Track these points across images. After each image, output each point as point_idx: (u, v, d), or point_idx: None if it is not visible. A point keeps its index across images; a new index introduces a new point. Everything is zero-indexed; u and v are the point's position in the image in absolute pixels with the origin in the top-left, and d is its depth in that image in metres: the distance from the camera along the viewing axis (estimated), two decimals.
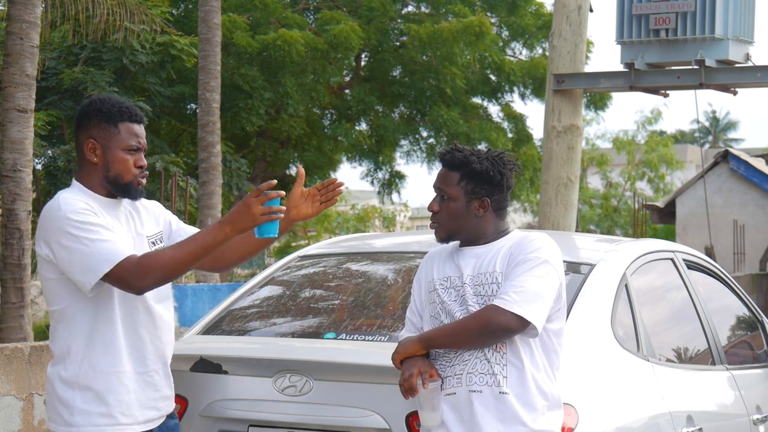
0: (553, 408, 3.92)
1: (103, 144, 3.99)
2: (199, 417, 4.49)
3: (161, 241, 4.14)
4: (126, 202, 4.07)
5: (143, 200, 4.17)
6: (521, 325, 3.81)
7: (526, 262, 3.87)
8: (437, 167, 4.06)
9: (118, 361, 3.95)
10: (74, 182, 4.06)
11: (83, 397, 3.94)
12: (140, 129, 4.05)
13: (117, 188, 4.01)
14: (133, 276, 3.83)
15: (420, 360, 3.90)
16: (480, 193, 3.96)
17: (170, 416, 4.16)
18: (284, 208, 3.85)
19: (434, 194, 4.03)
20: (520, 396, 3.85)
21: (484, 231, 3.98)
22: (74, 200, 3.94)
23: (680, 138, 61.49)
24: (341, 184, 4.28)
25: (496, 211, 4.00)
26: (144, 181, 4.06)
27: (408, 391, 3.86)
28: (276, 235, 3.94)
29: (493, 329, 3.81)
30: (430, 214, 4.05)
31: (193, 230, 4.24)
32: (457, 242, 4.06)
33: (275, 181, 3.88)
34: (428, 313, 4.00)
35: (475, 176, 3.94)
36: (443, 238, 4.01)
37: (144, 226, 4.12)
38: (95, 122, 4.01)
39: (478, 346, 3.85)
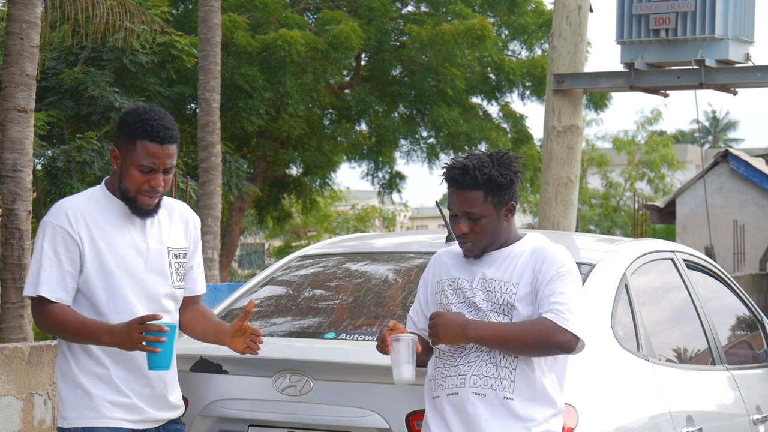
0: (557, 415, 3.92)
1: (122, 156, 4.01)
2: (199, 417, 4.49)
3: (185, 257, 4.16)
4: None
5: (176, 212, 4.18)
6: (578, 345, 3.83)
7: (562, 276, 3.86)
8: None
9: (98, 363, 4.01)
10: (102, 183, 4.11)
11: (74, 391, 4.03)
12: (160, 149, 3.96)
13: (126, 199, 4.03)
14: (36, 316, 3.99)
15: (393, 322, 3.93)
16: (506, 200, 3.93)
17: (174, 420, 4.17)
18: (163, 340, 3.82)
19: (455, 215, 3.93)
20: (527, 401, 3.85)
21: (509, 234, 3.97)
22: (66, 207, 4.01)
23: (680, 138, 61.46)
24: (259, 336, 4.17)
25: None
26: (152, 201, 4.02)
27: (381, 342, 3.87)
28: (168, 368, 3.94)
29: (551, 346, 3.81)
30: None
31: (196, 274, 4.26)
32: None
33: (161, 315, 3.88)
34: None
35: (500, 188, 3.90)
36: (477, 255, 3.95)
37: (170, 235, 4.13)
38: (121, 133, 4.02)
39: (527, 355, 3.84)
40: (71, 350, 4.02)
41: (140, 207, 4.02)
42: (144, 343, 3.83)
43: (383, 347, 3.90)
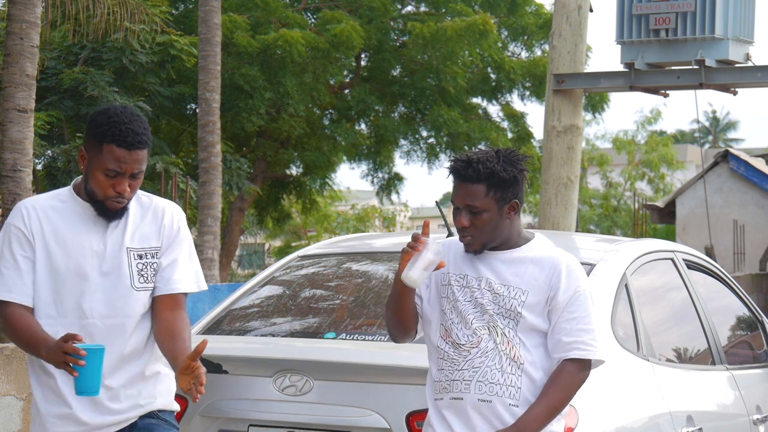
0: (560, 419, 3.91)
1: (89, 157, 3.88)
2: (199, 417, 4.49)
3: (154, 257, 3.97)
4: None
5: (160, 209, 4.01)
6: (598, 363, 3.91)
7: (579, 296, 3.85)
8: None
9: (46, 373, 3.93)
10: (70, 185, 4.01)
11: (32, 405, 4.01)
12: (127, 154, 3.82)
13: (93, 202, 3.91)
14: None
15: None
16: (508, 197, 3.86)
17: (148, 415, 3.99)
18: (80, 363, 3.62)
19: (457, 208, 3.88)
20: None
21: (512, 233, 3.90)
22: (22, 206, 3.96)
23: (680, 138, 61.46)
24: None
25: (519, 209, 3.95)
26: (120, 205, 3.88)
27: (414, 242, 3.77)
28: (96, 394, 3.72)
29: (584, 381, 3.86)
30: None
31: (169, 272, 3.99)
32: None
33: (81, 337, 3.71)
34: (438, 306, 3.92)
35: (503, 184, 3.85)
36: (477, 250, 3.88)
37: (135, 235, 3.96)
38: (89, 134, 3.88)
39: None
40: (30, 362, 3.96)
41: (109, 210, 3.89)
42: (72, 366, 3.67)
43: (413, 246, 3.76)
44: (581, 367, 3.82)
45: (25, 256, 3.90)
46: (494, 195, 3.83)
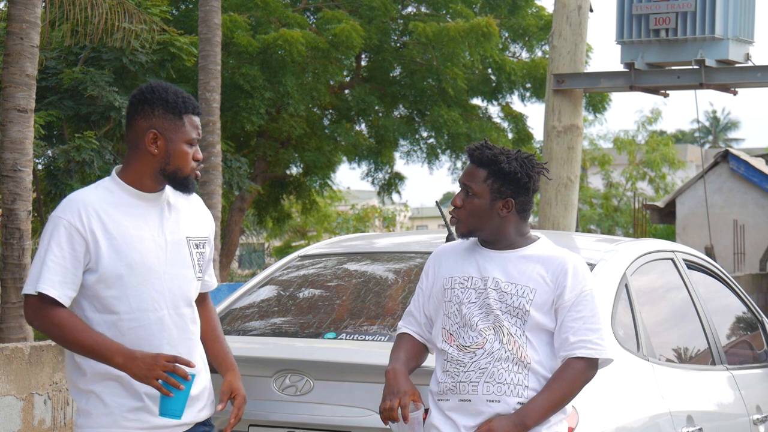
0: (563, 421, 3.91)
1: (167, 136, 3.87)
2: None
3: (205, 246, 4.01)
4: (165, 200, 3.95)
5: (192, 200, 4.07)
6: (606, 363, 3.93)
7: (585, 295, 3.87)
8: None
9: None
10: (113, 174, 3.91)
11: (87, 398, 3.93)
12: (199, 121, 3.95)
13: (174, 182, 3.91)
14: (33, 317, 3.78)
15: (402, 383, 3.86)
16: (505, 193, 3.89)
17: (202, 423, 4.02)
18: (181, 387, 3.69)
19: (459, 189, 3.95)
20: None
21: (506, 232, 3.92)
22: (77, 201, 3.82)
23: (681, 138, 61.45)
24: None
25: (520, 213, 3.93)
26: (199, 174, 3.96)
27: (388, 419, 3.83)
28: (179, 418, 3.76)
29: (589, 380, 3.88)
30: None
31: (211, 268, 4.12)
32: (472, 240, 3.99)
33: (195, 364, 3.79)
34: (441, 310, 3.95)
35: (503, 176, 3.88)
36: (464, 233, 3.92)
37: (186, 226, 3.98)
38: (159, 112, 3.87)
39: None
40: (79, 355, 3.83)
41: (193, 181, 3.94)
42: (161, 382, 3.69)
43: (393, 415, 3.82)
44: (588, 366, 3.83)
45: (75, 255, 3.77)
46: (492, 184, 3.88)
